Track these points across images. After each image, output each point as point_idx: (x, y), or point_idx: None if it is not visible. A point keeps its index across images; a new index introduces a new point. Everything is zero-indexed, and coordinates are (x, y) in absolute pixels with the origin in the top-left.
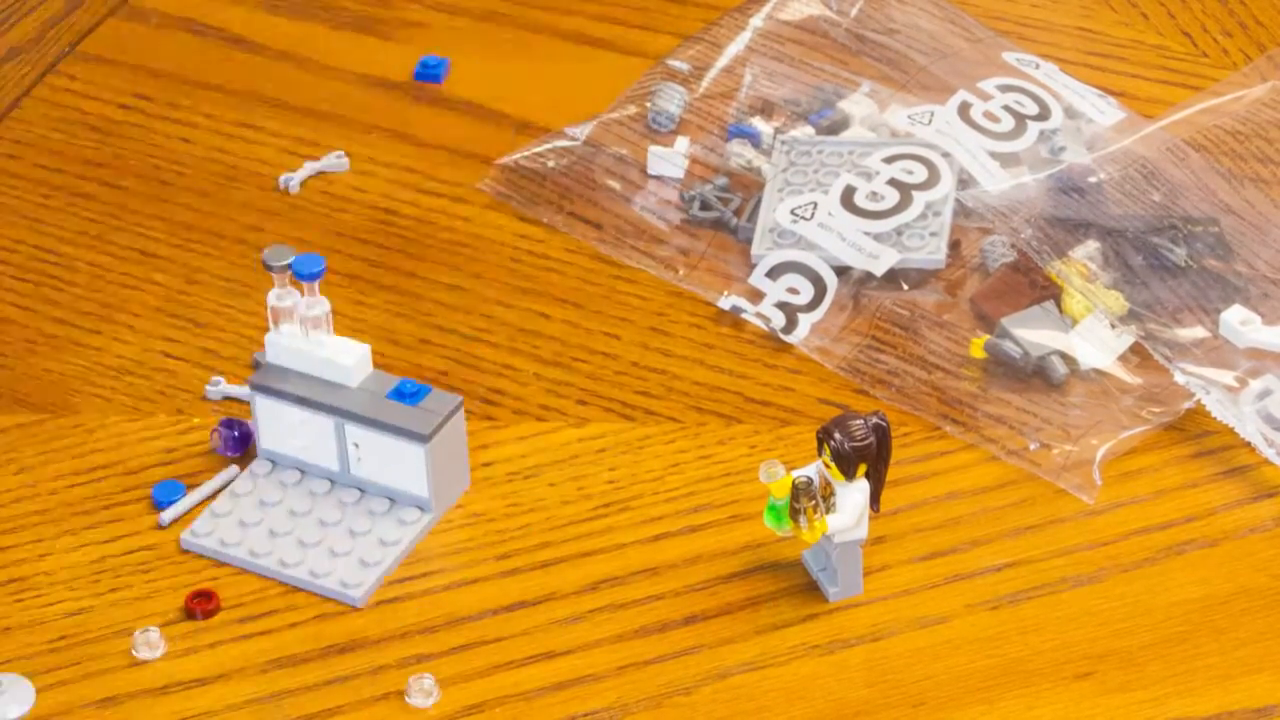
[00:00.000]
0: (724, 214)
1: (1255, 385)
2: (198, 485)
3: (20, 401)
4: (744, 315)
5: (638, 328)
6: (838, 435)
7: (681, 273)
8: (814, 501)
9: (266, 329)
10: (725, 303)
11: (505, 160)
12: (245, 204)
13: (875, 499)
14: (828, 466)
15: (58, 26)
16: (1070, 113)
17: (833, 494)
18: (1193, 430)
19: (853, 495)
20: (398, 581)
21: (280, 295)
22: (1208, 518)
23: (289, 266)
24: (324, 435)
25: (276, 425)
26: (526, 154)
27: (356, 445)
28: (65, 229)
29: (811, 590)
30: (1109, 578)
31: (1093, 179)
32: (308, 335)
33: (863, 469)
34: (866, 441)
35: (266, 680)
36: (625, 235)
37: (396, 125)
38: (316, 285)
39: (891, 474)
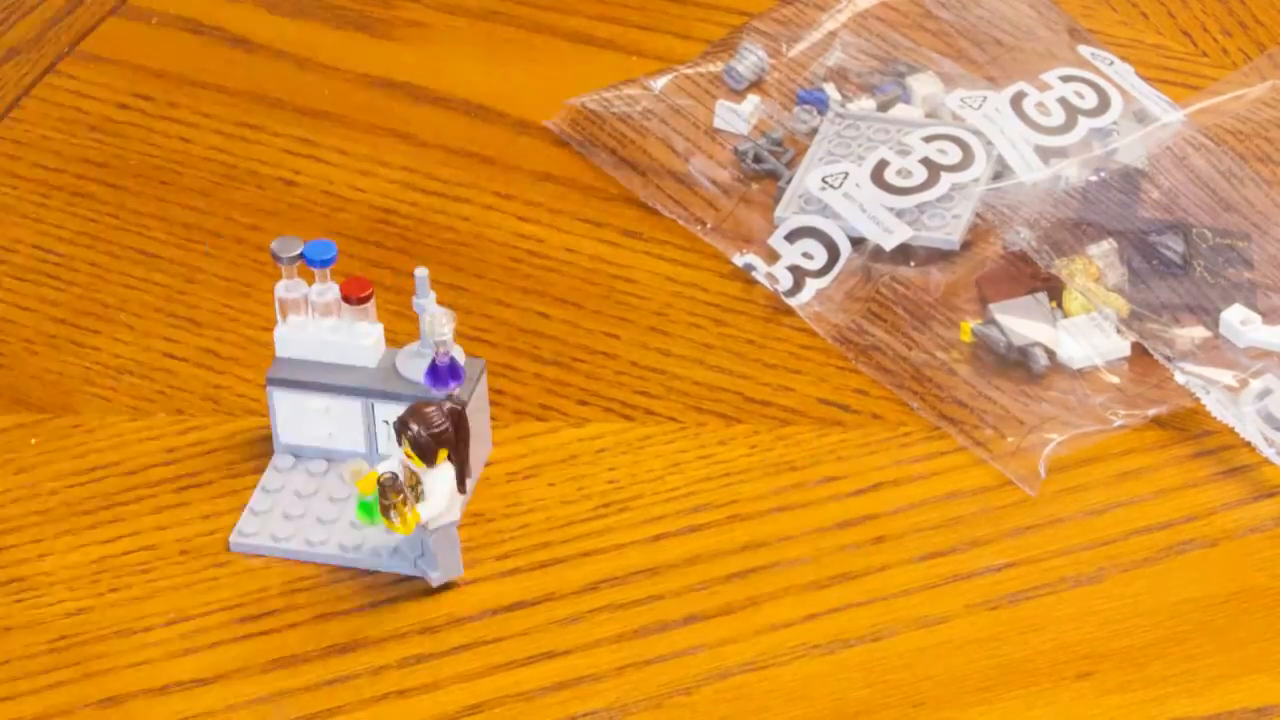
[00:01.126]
0: (776, 166)
1: (1255, 385)
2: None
3: (20, 401)
4: (754, 274)
5: (637, 328)
6: (414, 425)
7: (709, 225)
8: (402, 495)
9: (266, 327)
10: (740, 260)
11: (574, 101)
12: (245, 204)
13: (462, 481)
14: (409, 457)
15: (57, 26)
16: (1140, 115)
17: (419, 482)
18: (1193, 430)
19: (439, 481)
20: (398, 581)
21: (289, 287)
22: (1208, 518)
23: (300, 256)
24: (350, 418)
25: (297, 416)
26: (595, 98)
27: (387, 422)
28: (65, 229)
29: (812, 590)
30: (1109, 578)
31: (1093, 178)
32: (320, 323)
33: (443, 454)
34: (443, 427)
35: (266, 680)
36: (665, 185)
37: (396, 125)
38: (328, 272)
39: (891, 474)
